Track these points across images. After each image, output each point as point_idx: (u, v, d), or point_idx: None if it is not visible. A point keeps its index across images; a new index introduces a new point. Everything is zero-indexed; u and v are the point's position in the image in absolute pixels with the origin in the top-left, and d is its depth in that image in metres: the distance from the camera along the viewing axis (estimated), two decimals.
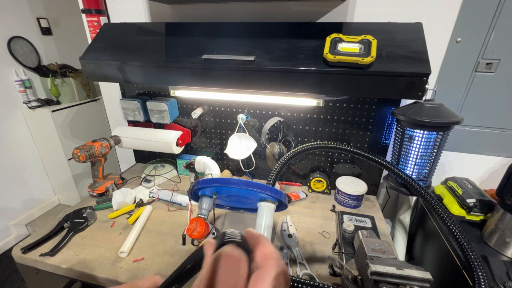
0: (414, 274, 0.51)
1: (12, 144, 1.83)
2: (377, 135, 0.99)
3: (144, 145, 1.11)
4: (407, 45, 0.70)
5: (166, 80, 0.85)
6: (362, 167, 1.07)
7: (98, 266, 0.73)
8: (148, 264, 0.74)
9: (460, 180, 0.96)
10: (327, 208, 1.00)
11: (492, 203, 0.83)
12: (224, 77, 0.79)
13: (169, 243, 0.81)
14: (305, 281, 0.41)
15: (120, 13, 1.09)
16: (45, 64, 1.94)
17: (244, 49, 0.79)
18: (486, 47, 0.88)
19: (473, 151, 1.02)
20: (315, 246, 0.81)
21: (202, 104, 1.11)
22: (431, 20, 0.81)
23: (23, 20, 1.83)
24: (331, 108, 0.99)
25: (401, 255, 1.01)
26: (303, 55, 0.74)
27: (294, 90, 0.75)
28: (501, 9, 0.83)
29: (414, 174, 0.83)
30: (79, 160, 0.95)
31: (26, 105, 1.81)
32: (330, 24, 0.81)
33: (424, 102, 0.75)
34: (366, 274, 0.53)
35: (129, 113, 1.14)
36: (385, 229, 0.88)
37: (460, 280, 0.71)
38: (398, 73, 0.66)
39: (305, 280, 0.41)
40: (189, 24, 0.91)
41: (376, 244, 0.62)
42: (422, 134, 0.76)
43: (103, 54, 0.88)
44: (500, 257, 0.73)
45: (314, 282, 0.41)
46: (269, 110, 1.05)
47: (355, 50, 0.68)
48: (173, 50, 0.85)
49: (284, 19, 0.93)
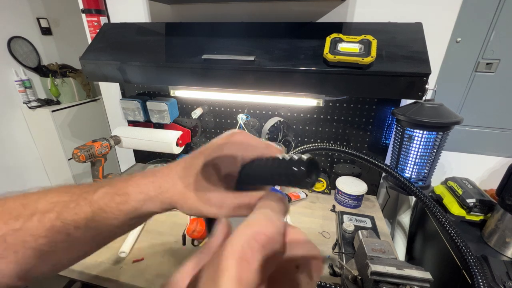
0: (414, 274, 0.51)
1: (12, 144, 1.83)
2: (377, 135, 0.99)
3: (144, 145, 1.11)
4: (407, 45, 0.70)
5: (166, 80, 0.85)
6: (362, 167, 1.07)
7: (98, 266, 0.73)
8: (148, 264, 0.74)
9: (460, 180, 0.96)
10: (327, 208, 1.00)
11: (492, 203, 0.83)
12: (224, 77, 0.79)
13: (169, 243, 0.81)
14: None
15: (120, 13, 1.09)
16: (45, 64, 1.94)
17: (244, 49, 0.79)
18: (486, 47, 0.88)
19: (473, 151, 1.02)
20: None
21: (202, 104, 1.11)
22: (431, 20, 0.80)
23: (23, 20, 1.83)
24: (331, 108, 0.99)
25: (401, 255, 1.01)
26: (303, 55, 0.74)
27: (294, 90, 0.75)
28: (501, 9, 0.83)
29: (414, 174, 0.83)
30: (79, 160, 0.95)
31: (26, 105, 1.81)
32: (330, 24, 0.81)
33: (424, 102, 0.75)
34: (366, 274, 0.53)
35: (129, 113, 1.14)
36: (385, 229, 0.88)
37: (460, 280, 0.71)
38: (398, 73, 0.66)
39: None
40: (189, 24, 0.91)
41: (376, 244, 0.62)
42: (422, 134, 0.76)
43: (103, 54, 0.88)
44: (500, 257, 0.73)
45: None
46: (269, 110, 1.05)
47: (355, 50, 0.68)
48: (173, 50, 0.85)
49: (284, 19, 0.93)
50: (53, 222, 0.24)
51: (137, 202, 0.25)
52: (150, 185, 0.26)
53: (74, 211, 0.24)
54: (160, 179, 0.26)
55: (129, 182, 0.26)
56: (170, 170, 0.27)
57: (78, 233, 0.24)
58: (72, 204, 0.25)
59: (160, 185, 0.26)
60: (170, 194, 0.26)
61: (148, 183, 0.26)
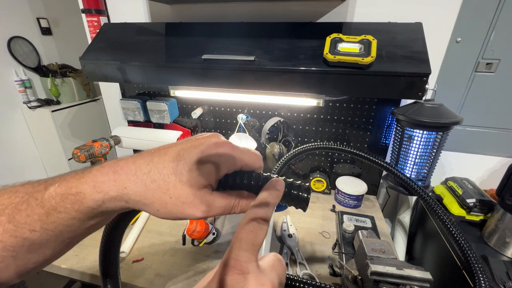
0: (414, 274, 0.51)
1: (12, 144, 1.83)
2: (377, 135, 0.99)
3: (144, 145, 1.11)
4: (407, 45, 0.70)
5: (166, 80, 0.85)
6: (362, 167, 1.07)
7: (98, 266, 0.73)
8: (148, 264, 0.74)
9: (460, 180, 0.96)
10: (327, 208, 1.00)
11: (492, 203, 0.83)
12: (224, 77, 0.79)
13: (169, 243, 0.81)
14: (306, 280, 0.41)
15: (120, 13, 1.09)
16: (45, 64, 1.94)
17: (244, 49, 0.79)
18: (486, 47, 0.88)
19: (473, 151, 1.02)
20: (315, 246, 0.81)
21: (202, 104, 1.11)
22: (431, 20, 0.80)
23: (23, 20, 1.83)
24: (331, 108, 0.99)
25: (401, 255, 1.01)
26: (303, 55, 0.74)
27: (294, 90, 0.75)
28: (501, 9, 0.83)
29: (413, 174, 0.83)
30: (79, 160, 0.95)
31: (26, 105, 1.81)
32: (330, 24, 0.81)
33: (424, 102, 0.75)
34: (366, 274, 0.53)
35: (129, 113, 1.14)
36: (385, 229, 0.88)
37: (460, 280, 0.71)
38: (398, 73, 0.66)
39: (306, 280, 0.41)
40: (189, 24, 0.91)
41: (376, 244, 0.62)
42: (421, 134, 0.76)
43: (103, 54, 0.88)
44: (500, 257, 0.73)
45: (315, 282, 0.41)
46: (269, 110, 1.05)
47: (355, 50, 0.68)
48: (173, 50, 0.85)
49: (284, 19, 0.93)
50: (5, 226, 0.22)
51: (94, 202, 0.22)
52: (111, 184, 0.23)
53: (26, 213, 0.22)
54: (124, 178, 0.23)
55: (84, 179, 0.23)
56: (136, 167, 0.23)
57: (36, 236, 0.22)
58: (23, 205, 0.22)
59: (125, 185, 0.23)
60: (140, 197, 0.23)
61: (109, 181, 0.23)
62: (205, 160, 0.24)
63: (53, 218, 0.22)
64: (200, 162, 0.24)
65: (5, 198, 0.23)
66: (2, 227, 0.22)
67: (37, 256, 0.23)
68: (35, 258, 0.23)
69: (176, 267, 0.73)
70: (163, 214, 0.24)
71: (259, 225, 0.21)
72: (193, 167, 0.23)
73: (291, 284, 0.37)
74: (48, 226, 0.22)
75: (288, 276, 0.38)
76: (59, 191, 0.23)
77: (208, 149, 0.24)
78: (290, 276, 0.38)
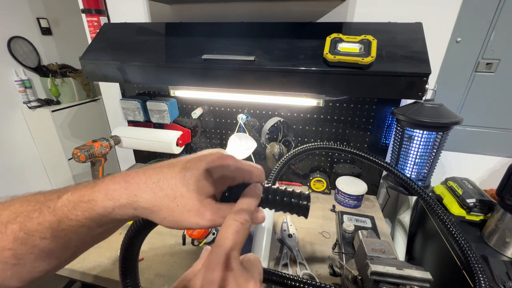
0: (414, 274, 0.51)
1: (12, 144, 1.83)
2: (377, 135, 0.99)
3: (144, 145, 1.11)
4: (407, 45, 0.70)
5: (166, 80, 0.85)
6: (362, 167, 1.07)
7: (98, 266, 0.73)
8: (148, 264, 0.74)
9: (460, 180, 0.96)
10: (327, 208, 1.00)
11: (492, 203, 0.83)
12: (224, 77, 0.79)
13: (169, 243, 0.81)
14: (306, 280, 0.41)
15: (120, 13, 1.09)
16: (45, 64, 1.94)
17: (244, 49, 0.79)
18: (486, 47, 0.88)
19: (473, 151, 1.02)
20: (315, 246, 0.81)
21: (202, 104, 1.11)
22: (431, 20, 0.80)
23: (23, 20, 1.83)
24: (331, 108, 0.99)
25: (401, 255, 1.01)
26: (303, 55, 0.74)
27: (294, 90, 0.75)
28: (501, 9, 0.83)
29: (413, 174, 0.83)
30: (79, 160, 0.95)
31: (26, 105, 1.81)
32: (330, 24, 0.81)
33: (424, 102, 0.75)
34: (366, 274, 0.53)
35: (129, 113, 1.14)
36: (385, 229, 0.88)
37: (460, 280, 0.71)
38: (398, 73, 0.66)
39: (306, 280, 0.41)
40: (189, 24, 0.91)
41: (376, 244, 0.62)
42: (421, 134, 0.76)
43: (103, 54, 0.88)
44: (500, 257, 0.73)
45: (315, 282, 0.41)
46: (269, 110, 1.05)
47: (355, 50, 0.68)
48: (173, 50, 0.84)
49: (284, 19, 0.93)
50: (16, 234, 0.22)
51: (104, 209, 0.23)
52: (122, 192, 0.24)
53: (38, 220, 0.23)
54: (134, 187, 0.24)
55: (97, 187, 0.24)
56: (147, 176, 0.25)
57: (45, 244, 0.23)
58: (35, 213, 0.23)
59: (135, 193, 0.24)
60: (148, 205, 0.24)
61: (120, 189, 0.24)
62: (210, 171, 0.25)
63: (64, 226, 0.23)
64: (206, 173, 0.25)
65: (17, 206, 0.24)
66: (13, 235, 0.22)
67: (44, 264, 0.24)
68: (42, 267, 0.24)
69: (176, 267, 0.73)
70: (169, 222, 0.25)
71: (242, 226, 0.23)
72: (199, 177, 0.25)
73: (291, 284, 0.37)
74: (59, 234, 0.23)
75: (288, 276, 0.38)
76: (72, 199, 0.24)
77: (214, 161, 0.26)
78: (290, 276, 0.38)
